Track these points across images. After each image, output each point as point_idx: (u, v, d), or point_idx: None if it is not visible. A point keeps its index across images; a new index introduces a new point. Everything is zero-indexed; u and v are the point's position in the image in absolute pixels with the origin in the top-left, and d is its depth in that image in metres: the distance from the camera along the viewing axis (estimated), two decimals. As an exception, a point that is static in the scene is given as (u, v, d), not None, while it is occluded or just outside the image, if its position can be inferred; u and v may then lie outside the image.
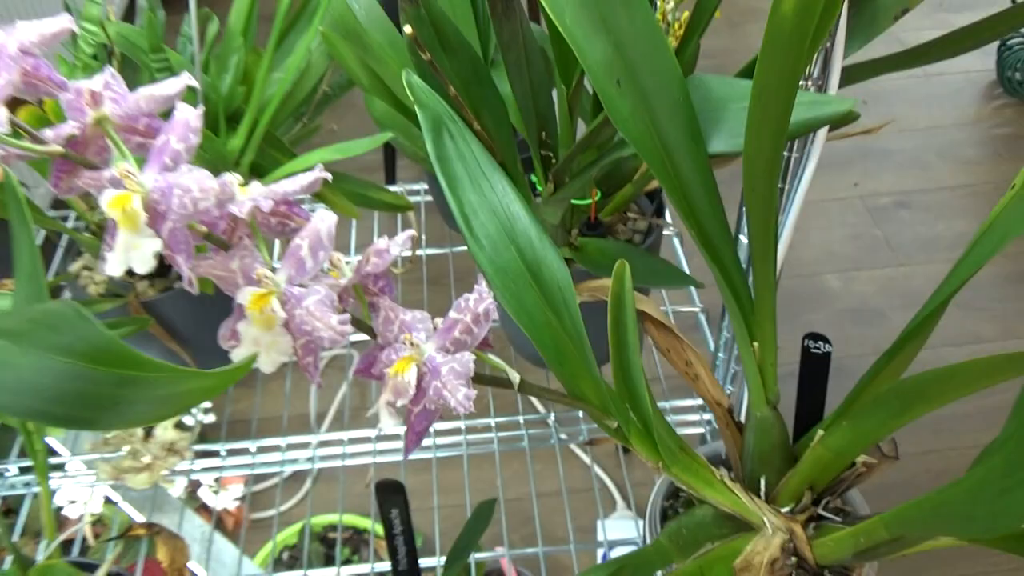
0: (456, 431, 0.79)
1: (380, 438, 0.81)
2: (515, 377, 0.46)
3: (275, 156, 0.71)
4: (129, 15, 1.99)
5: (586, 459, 1.33)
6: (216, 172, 0.40)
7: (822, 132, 0.57)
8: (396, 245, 0.44)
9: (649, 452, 0.49)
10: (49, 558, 0.49)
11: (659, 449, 0.49)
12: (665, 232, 0.80)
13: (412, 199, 1.03)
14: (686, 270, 0.85)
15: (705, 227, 0.48)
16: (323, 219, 0.41)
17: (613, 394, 0.49)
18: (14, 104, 0.40)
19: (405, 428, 0.44)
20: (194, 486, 1.09)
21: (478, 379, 0.44)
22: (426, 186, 1.04)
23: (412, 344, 0.42)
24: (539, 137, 0.61)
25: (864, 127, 0.66)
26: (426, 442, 0.79)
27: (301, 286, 0.40)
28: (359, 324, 0.43)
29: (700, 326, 0.87)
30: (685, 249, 0.92)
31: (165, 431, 0.78)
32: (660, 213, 0.75)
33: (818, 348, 0.53)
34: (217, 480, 1.10)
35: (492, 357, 0.46)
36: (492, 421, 0.79)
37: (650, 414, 0.48)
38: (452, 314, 0.43)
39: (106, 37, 0.62)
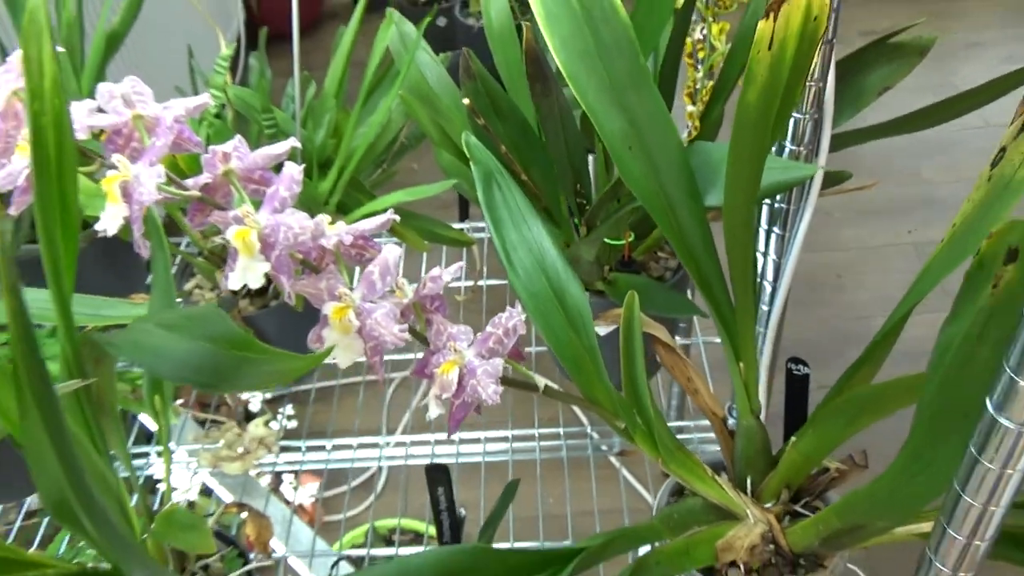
0: (504, 439, 0.90)
1: (438, 442, 0.93)
2: (540, 382, 0.57)
3: (358, 197, 0.84)
4: (243, 74, 2.18)
5: (623, 472, 1.42)
6: (309, 211, 0.52)
7: (815, 189, 0.67)
8: (448, 274, 0.56)
9: (650, 449, 0.59)
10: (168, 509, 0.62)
11: (659, 447, 0.59)
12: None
13: (479, 235, 1.15)
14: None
15: (702, 269, 0.59)
16: (391, 252, 0.53)
17: (622, 400, 0.59)
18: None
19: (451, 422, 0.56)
20: (277, 482, 1.23)
21: (507, 381, 0.56)
22: (490, 224, 1.17)
23: (456, 351, 0.53)
24: (575, 188, 0.72)
25: (864, 183, 0.76)
26: (476, 448, 0.90)
27: (371, 302, 0.53)
28: (415, 334, 0.55)
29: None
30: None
31: (256, 428, 0.91)
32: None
33: (799, 371, 0.63)
34: (296, 475, 1.23)
35: (521, 366, 0.58)
36: (536, 431, 0.90)
37: (651, 417, 0.58)
38: (488, 328, 0.54)
39: (227, 98, 0.76)
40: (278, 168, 0.55)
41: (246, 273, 0.51)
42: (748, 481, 0.62)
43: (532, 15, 0.58)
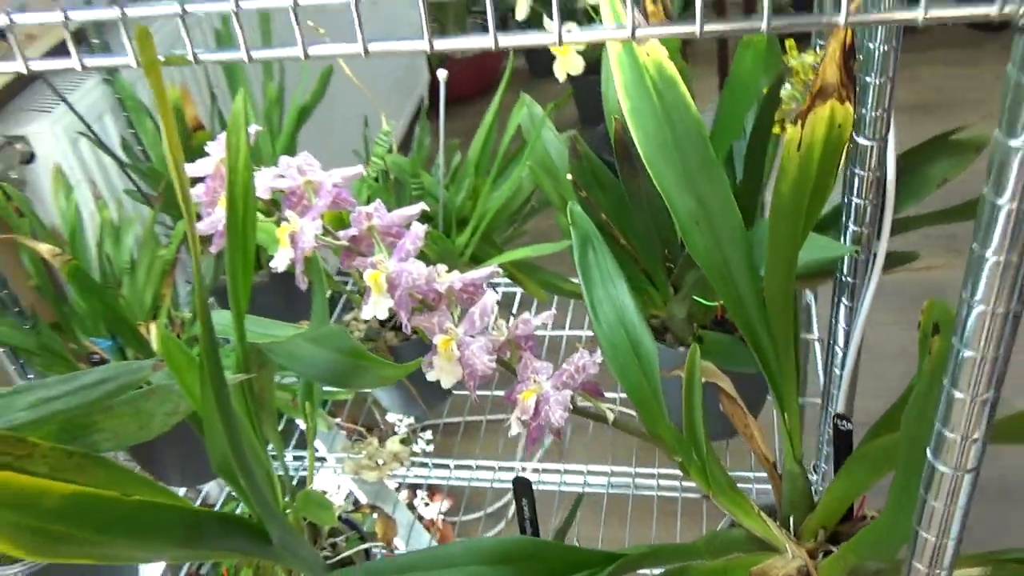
0: (604, 473, 1.01)
1: (567, 471, 1.04)
2: (610, 416, 0.68)
3: (489, 250, 0.98)
4: (407, 139, 2.41)
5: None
6: (445, 261, 0.66)
7: (878, 266, 0.75)
8: (538, 319, 0.68)
9: (703, 483, 0.69)
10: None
11: (710, 481, 0.68)
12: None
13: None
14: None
15: (755, 333, 0.68)
16: (489, 298, 0.66)
17: (681, 438, 0.69)
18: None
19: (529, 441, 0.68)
20: (412, 496, 1.37)
21: (579, 411, 0.67)
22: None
23: (536, 381, 0.66)
24: (663, 254, 0.83)
25: (935, 263, 0.82)
26: (577, 479, 1.01)
27: (471, 336, 0.66)
28: (505, 364, 0.67)
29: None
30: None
31: (393, 444, 1.06)
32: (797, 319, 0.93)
33: (844, 426, 0.70)
34: (425, 490, 1.38)
35: (597, 401, 0.69)
36: (632, 469, 1.00)
37: (705, 455, 0.68)
38: (564, 366, 0.66)
39: (385, 165, 0.93)
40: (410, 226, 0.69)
41: (375, 307, 0.65)
42: (791, 520, 0.70)
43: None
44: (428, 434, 1.30)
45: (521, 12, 1.13)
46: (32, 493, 0.39)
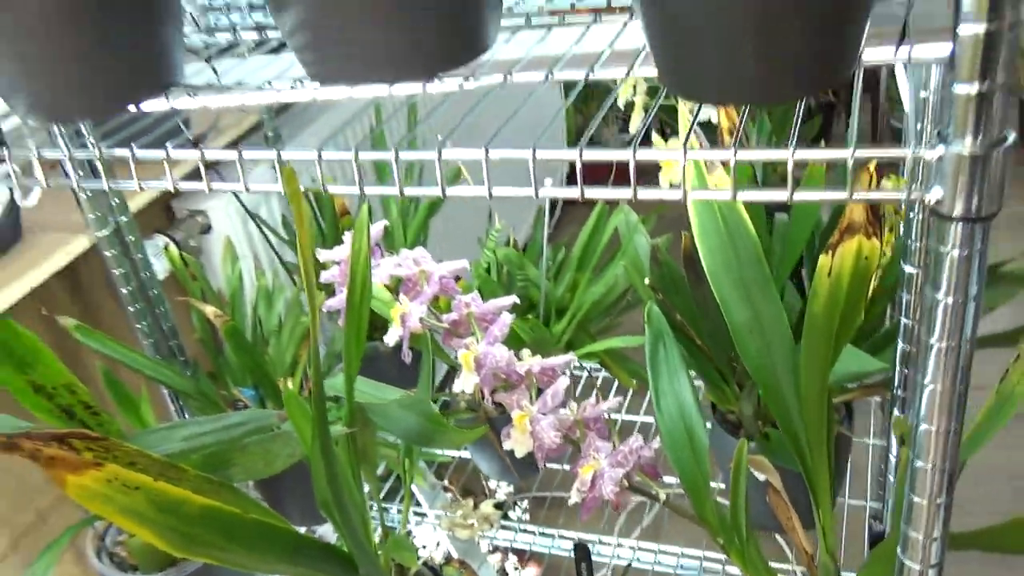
0: (675, 554, 1.08)
1: (640, 548, 1.12)
2: (662, 496, 0.77)
3: (584, 339, 1.09)
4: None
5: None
6: (539, 347, 0.78)
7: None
8: (605, 405, 0.78)
9: (742, 566, 0.76)
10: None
11: (747, 565, 0.76)
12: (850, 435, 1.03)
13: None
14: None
15: (795, 434, 0.76)
16: (561, 383, 0.77)
17: (726, 522, 0.77)
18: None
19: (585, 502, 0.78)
20: (504, 559, 1.47)
21: (634, 489, 0.77)
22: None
23: (595, 458, 0.76)
24: (729, 355, 0.91)
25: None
26: (648, 556, 1.08)
27: (543, 414, 0.77)
28: (570, 440, 0.77)
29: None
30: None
31: (486, 507, 1.17)
32: (844, 422, 0.99)
33: (876, 525, 0.76)
34: (513, 553, 1.47)
35: (651, 481, 0.78)
36: (702, 553, 1.07)
37: (744, 539, 0.76)
38: (620, 447, 0.76)
39: (494, 258, 1.06)
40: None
41: (465, 382, 0.77)
42: (824, 609, 0.76)
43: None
44: (526, 503, 1.40)
45: (634, 126, 1.26)
46: (177, 500, 0.52)
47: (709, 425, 1.00)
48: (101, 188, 0.62)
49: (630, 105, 1.22)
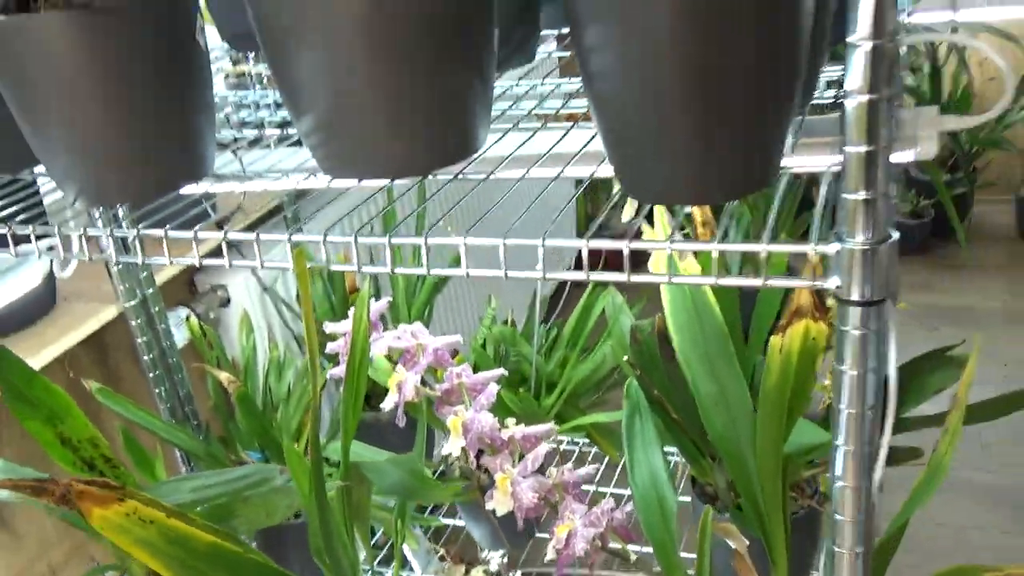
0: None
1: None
2: (632, 556, 0.83)
3: (573, 412, 1.16)
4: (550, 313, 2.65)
5: None
6: (528, 418, 0.85)
7: (881, 459, 0.87)
8: (580, 472, 0.85)
9: (707, 625, 0.82)
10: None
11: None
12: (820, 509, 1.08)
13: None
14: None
15: (756, 503, 0.82)
16: (542, 449, 0.84)
17: (691, 582, 0.83)
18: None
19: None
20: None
21: (608, 550, 0.83)
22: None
23: (570, 519, 0.82)
24: (700, 429, 0.98)
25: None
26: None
27: (523, 477, 0.83)
28: (548, 503, 0.84)
29: None
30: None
31: (477, 572, 1.22)
32: (816, 496, 1.05)
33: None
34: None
35: (622, 542, 0.84)
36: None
37: (708, 600, 0.81)
38: (594, 509, 0.82)
39: (491, 335, 1.14)
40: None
41: (452, 445, 0.84)
42: (782, 669, 0.81)
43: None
44: (519, 573, 1.44)
45: (627, 215, 1.35)
46: (186, 535, 0.59)
47: (688, 498, 1.06)
48: (135, 262, 0.70)
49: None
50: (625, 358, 0.96)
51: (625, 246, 0.54)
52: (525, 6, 0.77)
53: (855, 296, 0.48)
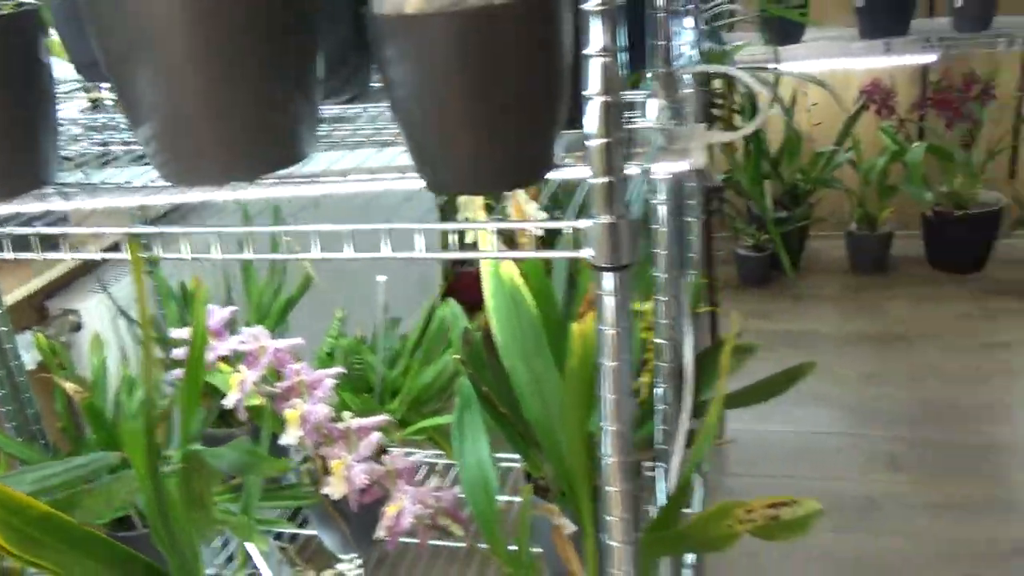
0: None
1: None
2: (459, 532, 0.91)
3: (416, 416, 1.23)
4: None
5: None
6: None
7: (681, 436, 0.98)
8: (416, 456, 0.93)
9: (526, 592, 0.90)
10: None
11: (530, 590, 0.89)
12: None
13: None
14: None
15: (569, 475, 0.92)
16: (374, 437, 0.91)
17: (511, 556, 0.91)
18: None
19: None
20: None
21: (436, 527, 0.90)
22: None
23: (400, 499, 0.89)
24: (524, 420, 1.08)
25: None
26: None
27: (357, 463, 0.90)
28: (380, 485, 0.91)
29: None
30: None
31: (327, 573, 1.27)
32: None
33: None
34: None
35: (454, 524, 0.92)
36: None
37: (528, 565, 0.89)
38: (420, 489, 0.90)
39: (335, 345, 1.21)
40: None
41: (290, 435, 0.91)
42: (593, 627, 0.90)
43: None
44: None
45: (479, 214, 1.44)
46: (22, 504, 0.64)
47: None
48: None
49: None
50: (456, 357, 1.04)
51: (450, 227, 0.63)
52: (356, 38, 0.86)
53: (603, 263, 0.58)
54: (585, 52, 0.54)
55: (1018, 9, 2.94)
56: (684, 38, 1.19)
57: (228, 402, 0.94)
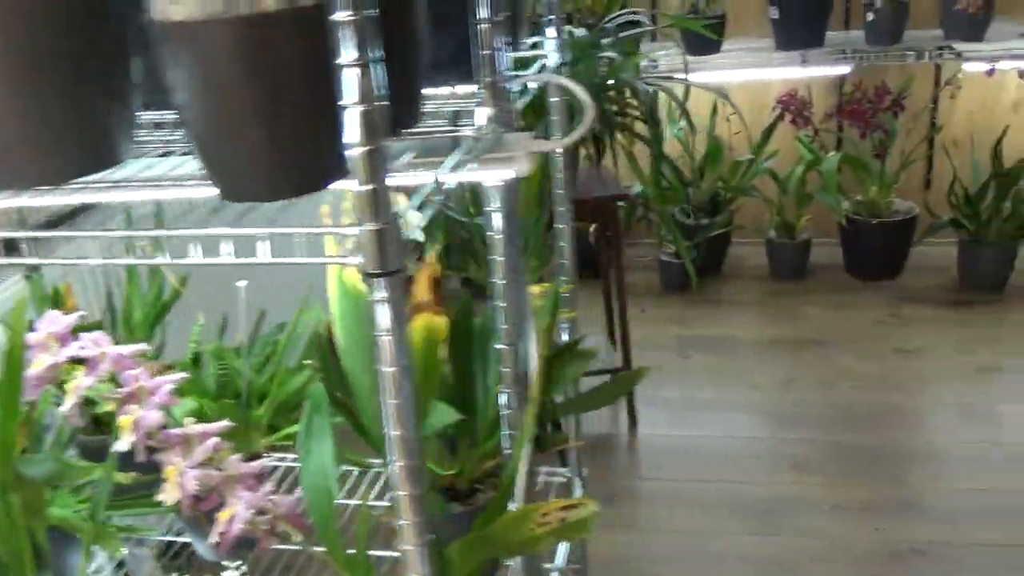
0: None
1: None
2: (297, 537, 0.92)
3: (285, 422, 1.23)
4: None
5: None
6: (236, 427, 0.92)
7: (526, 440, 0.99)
8: (256, 463, 0.93)
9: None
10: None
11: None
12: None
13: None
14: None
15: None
16: (210, 442, 0.91)
17: (347, 557, 0.92)
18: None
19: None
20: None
21: (275, 533, 0.90)
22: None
23: (234, 505, 0.89)
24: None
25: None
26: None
27: (190, 468, 0.90)
28: (216, 490, 0.91)
29: None
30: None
31: (197, 583, 1.26)
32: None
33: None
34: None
35: (291, 527, 0.92)
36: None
37: (367, 567, 0.90)
38: (255, 494, 0.90)
39: (198, 348, 1.21)
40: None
41: (123, 443, 0.90)
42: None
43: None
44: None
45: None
46: None
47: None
48: None
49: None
50: (308, 362, 1.05)
51: (223, 233, 0.64)
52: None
53: (371, 268, 0.59)
54: (339, 62, 0.55)
55: (928, 24, 3.02)
56: (548, 47, 1.21)
57: (64, 407, 0.93)
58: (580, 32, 1.99)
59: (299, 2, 0.54)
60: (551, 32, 1.19)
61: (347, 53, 0.55)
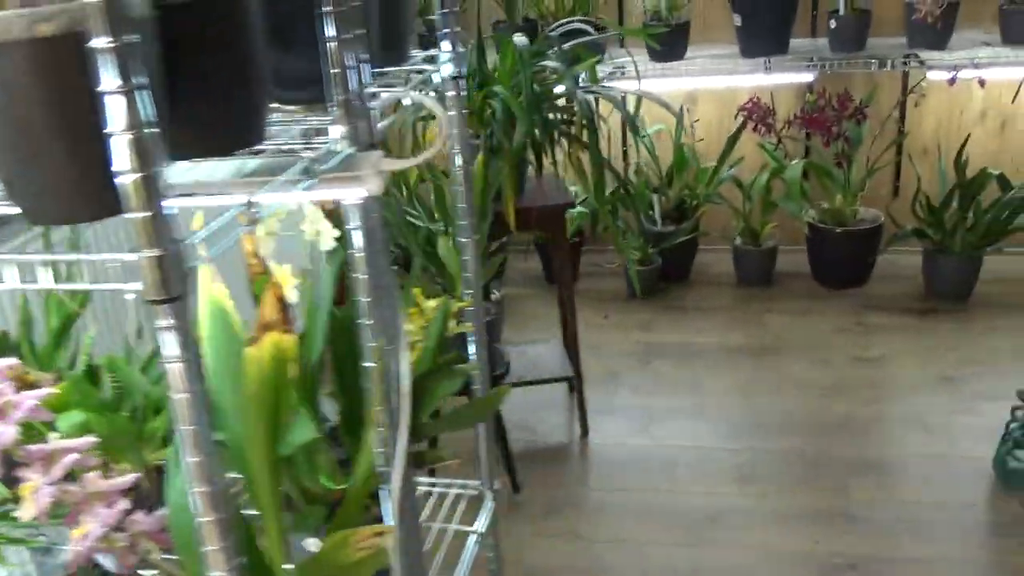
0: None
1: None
2: (156, 557, 0.91)
3: (182, 435, 1.23)
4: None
5: None
6: (116, 442, 0.91)
7: (400, 457, 0.99)
8: (121, 480, 0.93)
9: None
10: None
11: None
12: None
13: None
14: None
15: (255, 493, 0.92)
16: (68, 459, 0.91)
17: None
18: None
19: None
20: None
21: (135, 552, 0.90)
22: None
23: (86, 522, 0.89)
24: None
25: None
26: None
27: (47, 485, 0.90)
28: (75, 507, 0.91)
29: None
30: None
31: None
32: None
33: None
34: None
35: (152, 544, 0.92)
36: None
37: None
38: (109, 511, 0.90)
39: (87, 353, 1.21)
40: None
41: (-19, 452, 0.90)
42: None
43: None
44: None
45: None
46: None
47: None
48: None
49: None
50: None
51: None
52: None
53: (152, 296, 0.59)
54: (100, 90, 0.55)
55: (892, 32, 3.02)
56: (441, 59, 1.21)
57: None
58: (522, 42, 1.98)
59: (38, 32, 0.54)
60: (446, 46, 1.18)
61: (108, 80, 0.54)
